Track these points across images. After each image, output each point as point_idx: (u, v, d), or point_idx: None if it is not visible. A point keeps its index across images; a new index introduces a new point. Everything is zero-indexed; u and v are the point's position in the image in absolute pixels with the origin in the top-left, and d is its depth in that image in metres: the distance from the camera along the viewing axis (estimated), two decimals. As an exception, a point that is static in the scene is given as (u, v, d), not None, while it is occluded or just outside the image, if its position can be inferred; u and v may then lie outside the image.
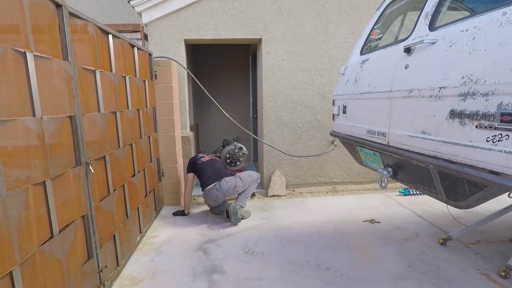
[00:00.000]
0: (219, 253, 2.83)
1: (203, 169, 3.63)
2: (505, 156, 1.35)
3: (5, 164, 1.30)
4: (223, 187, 3.49)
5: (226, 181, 3.51)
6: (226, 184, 3.49)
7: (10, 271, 1.32)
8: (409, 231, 3.18)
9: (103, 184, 2.30)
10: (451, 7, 1.96)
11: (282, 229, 3.32)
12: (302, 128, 4.48)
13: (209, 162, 3.71)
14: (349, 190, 4.65)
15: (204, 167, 3.64)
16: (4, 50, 1.33)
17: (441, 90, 1.67)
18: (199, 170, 3.65)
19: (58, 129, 1.73)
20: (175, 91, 4.05)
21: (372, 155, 2.55)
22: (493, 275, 2.37)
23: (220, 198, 3.55)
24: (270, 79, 4.33)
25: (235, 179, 3.56)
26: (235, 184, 3.52)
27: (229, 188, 3.50)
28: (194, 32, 4.12)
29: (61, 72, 1.75)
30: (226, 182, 3.51)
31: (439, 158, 1.71)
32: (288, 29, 4.24)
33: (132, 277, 2.48)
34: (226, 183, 3.50)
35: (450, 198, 1.84)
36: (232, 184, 3.51)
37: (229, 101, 5.94)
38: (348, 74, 2.89)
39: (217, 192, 3.49)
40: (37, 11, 1.58)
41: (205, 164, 3.67)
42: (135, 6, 3.96)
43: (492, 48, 1.43)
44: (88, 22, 2.11)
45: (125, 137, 2.72)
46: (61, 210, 1.72)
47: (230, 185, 3.50)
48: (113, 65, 2.51)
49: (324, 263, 2.63)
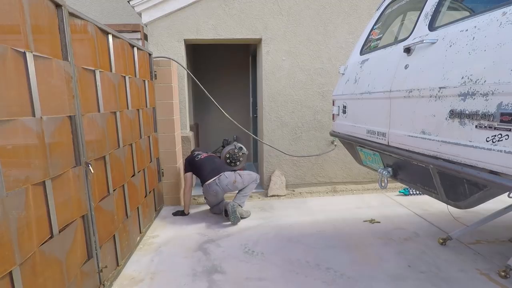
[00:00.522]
0: (219, 253, 2.83)
1: (202, 165, 3.63)
2: (505, 156, 1.35)
3: (5, 164, 1.30)
4: (222, 182, 3.49)
5: (226, 176, 3.52)
6: (225, 179, 3.49)
7: (10, 271, 1.32)
8: (409, 231, 3.18)
9: (103, 184, 2.30)
10: (451, 7, 1.96)
11: (282, 229, 3.32)
12: (302, 128, 4.48)
13: (207, 158, 3.71)
14: (349, 190, 4.65)
15: (203, 163, 3.64)
16: (4, 50, 1.33)
17: (441, 90, 1.67)
18: (198, 167, 3.65)
19: (58, 129, 1.73)
20: (175, 91, 4.05)
21: (372, 155, 2.55)
22: (493, 275, 2.37)
23: (219, 193, 3.54)
24: (270, 79, 4.33)
25: (235, 174, 3.58)
26: (234, 179, 3.52)
27: (229, 183, 3.50)
28: (194, 32, 4.12)
29: (61, 72, 1.75)
30: (225, 176, 3.51)
31: (439, 158, 1.71)
32: (288, 29, 4.24)
33: (132, 277, 2.48)
34: (226, 178, 3.50)
35: (450, 198, 1.84)
36: (232, 179, 3.52)
37: (229, 101, 5.94)
38: (348, 74, 2.89)
39: (216, 186, 3.49)
40: (37, 11, 1.58)
41: (203, 161, 3.67)
42: (135, 6, 3.96)
43: (492, 48, 1.43)
44: (88, 22, 2.11)
45: (125, 137, 2.72)
46: (61, 210, 1.72)
47: (230, 180, 3.50)
48: (113, 65, 2.51)
49: (324, 263, 2.63)
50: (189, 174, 3.72)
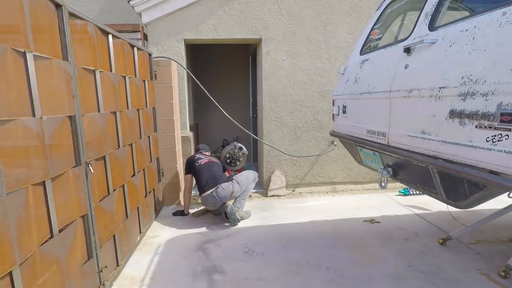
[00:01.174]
0: (219, 253, 2.83)
1: (200, 173, 3.56)
2: (505, 156, 1.35)
3: (5, 164, 1.30)
4: (220, 194, 3.43)
5: (223, 188, 3.45)
6: (223, 191, 3.44)
7: (10, 271, 1.32)
8: (409, 231, 3.18)
9: (103, 184, 2.30)
10: (451, 7, 1.96)
11: (282, 229, 3.32)
12: (302, 128, 4.48)
13: (206, 165, 3.63)
14: (349, 190, 4.65)
15: (201, 172, 3.57)
16: (4, 50, 1.33)
17: (441, 90, 1.67)
18: (197, 173, 3.60)
19: (58, 129, 1.73)
20: (175, 91, 4.05)
21: (372, 155, 2.55)
22: (493, 275, 2.37)
23: (217, 203, 3.49)
24: (270, 79, 4.34)
25: (232, 185, 3.51)
26: (232, 191, 3.48)
27: (226, 195, 3.45)
28: (194, 32, 4.12)
29: (61, 72, 1.75)
30: (223, 189, 3.45)
31: (439, 158, 1.71)
32: (288, 29, 4.24)
33: (132, 277, 2.48)
34: (223, 190, 3.44)
35: (450, 198, 1.84)
36: (229, 191, 3.47)
37: (229, 101, 5.94)
38: (348, 74, 2.89)
39: (214, 199, 3.44)
40: (37, 11, 1.58)
41: (202, 168, 3.59)
42: (135, 6, 3.96)
43: (492, 48, 1.43)
44: (88, 22, 2.11)
45: (125, 137, 2.72)
46: (61, 210, 1.72)
47: (227, 192, 3.46)
48: (113, 65, 2.51)
49: (324, 263, 2.63)
50: (189, 176, 3.69)
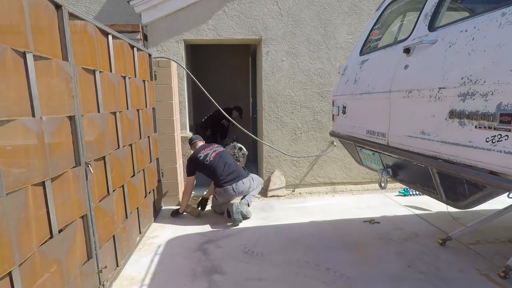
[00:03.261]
0: (218, 254, 2.83)
1: (215, 168, 3.52)
2: (504, 156, 1.35)
3: (5, 164, 1.30)
4: (239, 188, 3.48)
5: (243, 183, 3.52)
6: (242, 185, 3.49)
7: (10, 272, 1.32)
8: (408, 231, 3.18)
9: (103, 184, 2.30)
10: (451, 7, 1.97)
11: (282, 229, 3.32)
12: (301, 129, 4.48)
13: (218, 158, 3.57)
14: (349, 191, 4.65)
15: (216, 167, 3.52)
16: (3, 50, 1.33)
17: (441, 91, 1.68)
18: (211, 171, 3.54)
19: (58, 129, 1.73)
20: (175, 91, 4.05)
21: (372, 155, 2.55)
22: (493, 275, 2.37)
23: (233, 197, 3.53)
24: (270, 79, 4.34)
25: (249, 180, 3.59)
26: (249, 185, 3.56)
27: (244, 189, 3.52)
28: (194, 32, 4.13)
29: (60, 72, 1.75)
30: (243, 183, 3.51)
31: (439, 158, 1.71)
32: (287, 30, 4.24)
33: (132, 277, 2.48)
34: (243, 185, 3.50)
35: (449, 198, 1.84)
36: (247, 185, 3.54)
37: (229, 102, 5.94)
38: (347, 74, 2.89)
39: (233, 192, 3.48)
40: (37, 11, 1.58)
41: (215, 163, 3.54)
42: (135, 6, 3.96)
43: (491, 48, 1.44)
44: (87, 23, 2.11)
45: (125, 137, 2.72)
46: (61, 211, 1.72)
47: (246, 186, 3.52)
48: (113, 65, 2.51)
49: (324, 263, 2.63)
50: (191, 179, 3.64)
